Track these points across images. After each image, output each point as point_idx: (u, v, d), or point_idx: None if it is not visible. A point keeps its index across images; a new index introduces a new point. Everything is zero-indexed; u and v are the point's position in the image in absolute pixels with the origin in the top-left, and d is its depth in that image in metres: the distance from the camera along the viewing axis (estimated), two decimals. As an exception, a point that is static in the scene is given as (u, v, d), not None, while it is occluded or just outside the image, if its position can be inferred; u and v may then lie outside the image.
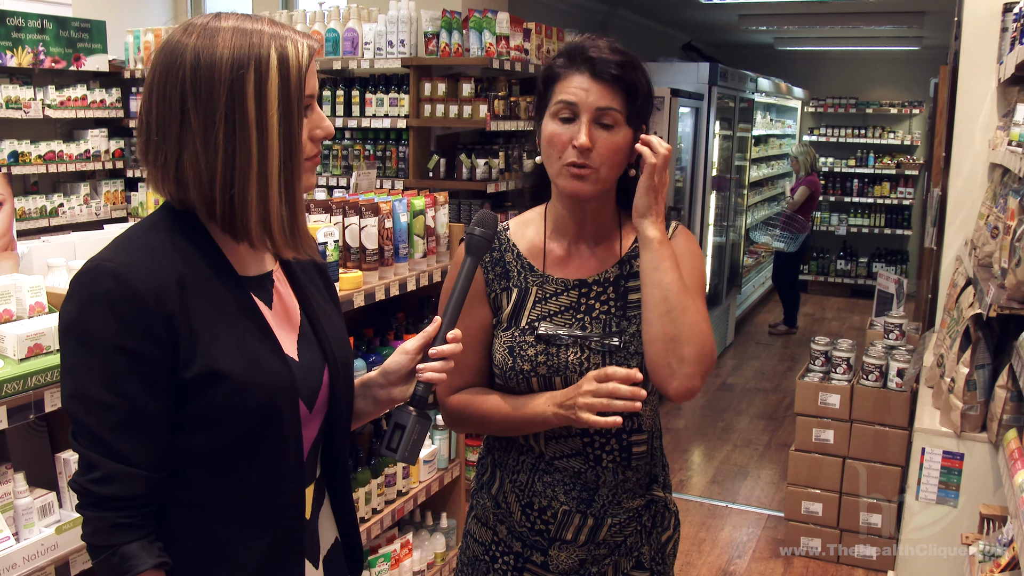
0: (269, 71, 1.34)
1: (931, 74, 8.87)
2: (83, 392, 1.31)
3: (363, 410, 1.69)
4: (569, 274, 1.84)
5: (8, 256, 2.29)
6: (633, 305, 1.81)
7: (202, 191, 1.36)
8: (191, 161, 1.35)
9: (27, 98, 5.38)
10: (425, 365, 1.59)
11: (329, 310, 1.62)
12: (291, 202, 1.40)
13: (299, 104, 1.38)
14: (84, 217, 5.82)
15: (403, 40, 4.96)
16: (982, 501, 2.99)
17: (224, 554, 1.43)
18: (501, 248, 1.87)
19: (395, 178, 5.07)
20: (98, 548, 1.34)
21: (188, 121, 1.34)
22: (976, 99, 4.04)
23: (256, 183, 1.36)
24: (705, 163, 7.23)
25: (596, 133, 1.70)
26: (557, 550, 1.85)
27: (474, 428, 1.91)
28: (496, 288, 1.85)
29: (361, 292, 2.84)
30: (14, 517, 1.87)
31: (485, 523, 1.93)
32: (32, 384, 1.83)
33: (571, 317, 1.81)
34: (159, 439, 1.35)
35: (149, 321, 1.30)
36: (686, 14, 9.15)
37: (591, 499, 1.83)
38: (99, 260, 1.33)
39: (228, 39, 1.35)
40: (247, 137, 1.34)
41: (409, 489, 3.25)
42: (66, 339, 1.34)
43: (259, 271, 1.50)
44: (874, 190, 11.38)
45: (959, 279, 3.75)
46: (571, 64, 1.73)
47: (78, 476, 1.34)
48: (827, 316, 10.27)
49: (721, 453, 5.88)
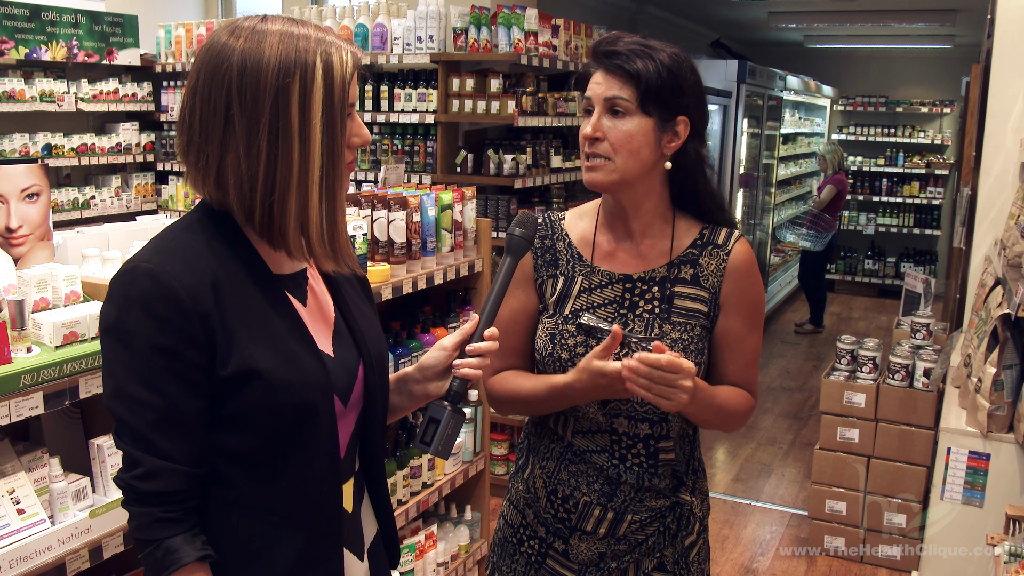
0: (315, 80, 1.35)
1: (963, 73, 8.79)
2: (124, 391, 1.34)
3: (398, 404, 1.70)
4: (615, 268, 1.85)
5: (44, 246, 2.33)
6: (679, 311, 1.81)
7: (242, 196, 1.38)
8: (233, 166, 1.36)
9: (60, 91, 5.46)
10: (461, 361, 1.60)
11: (364, 307, 1.64)
12: (331, 212, 1.41)
13: (342, 114, 1.39)
14: (115, 209, 5.90)
15: (432, 36, 4.98)
16: (1008, 502, 2.96)
17: (262, 550, 1.45)
18: (553, 236, 1.91)
19: (423, 173, 5.10)
20: (143, 542, 1.37)
21: (232, 126, 1.35)
22: (1008, 98, 4.00)
23: (296, 191, 1.37)
24: (733, 161, 7.21)
25: (607, 123, 1.73)
26: (578, 540, 1.86)
27: (509, 402, 1.91)
28: (544, 275, 1.88)
29: (389, 285, 2.86)
30: (49, 501, 1.91)
31: (516, 506, 1.96)
32: (68, 371, 1.87)
33: (614, 311, 1.82)
34: (198, 436, 1.38)
35: (185, 321, 1.33)
36: (715, 11, 9.13)
37: (613, 493, 1.84)
38: (136, 261, 1.36)
39: (275, 44, 1.35)
40: (290, 145, 1.35)
41: (434, 481, 3.28)
42: (106, 339, 1.37)
43: (293, 269, 1.52)
44: (903, 190, 11.29)
45: (988, 279, 3.73)
46: (593, 63, 1.79)
47: (122, 473, 1.37)
48: (854, 315, 10.21)
49: (745, 451, 5.87)
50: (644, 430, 1.82)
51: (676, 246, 1.85)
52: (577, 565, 1.88)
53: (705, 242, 1.85)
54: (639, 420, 1.82)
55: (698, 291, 1.82)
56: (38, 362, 1.83)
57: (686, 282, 1.83)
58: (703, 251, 1.84)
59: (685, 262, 1.84)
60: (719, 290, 1.83)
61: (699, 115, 1.80)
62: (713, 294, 1.83)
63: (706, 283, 1.83)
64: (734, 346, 1.84)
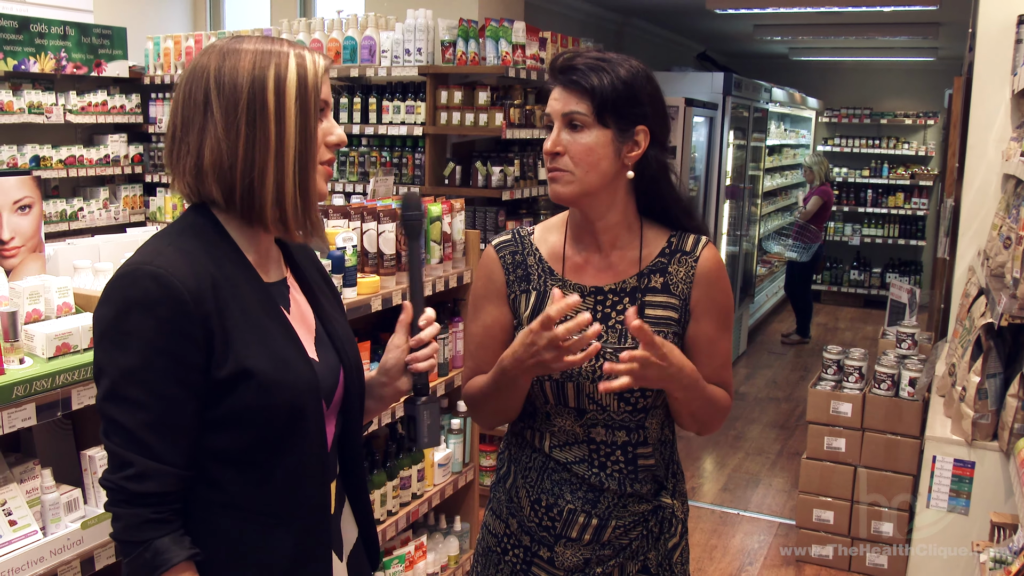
0: (288, 69, 1.44)
1: (946, 85, 8.86)
2: (119, 392, 1.35)
3: (372, 408, 1.75)
4: (587, 280, 1.87)
5: (36, 258, 2.34)
6: (651, 320, 1.82)
7: (222, 176, 1.43)
8: (212, 148, 1.42)
9: (49, 103, 5.46)
10: (412, 356, 1.67)
11: (337, 315, 1.68)
12: (304, 189, 1.47)
13: (315, 101, 1.46)
14: (103, 221, 5.89)
15: (420, 48, 5.01)
16: (993, 509, 2.99)
17: (254, 551, 1.46)
18: (524, 252, 1.91)
19: (411, 185, 5.12)
20: (130, 544, 1.37)
21: (211, 111, 1.42)
22: (990, 110, 4.05)
23: (273, 167, 1.43)
24: (719, 172, 7.25)
25: (567, 137, 1.77)
26: (563, 547, 1.88)
27: (474, 402, 1.92)
28: (516, 290, 1.89)
29: (379, 296, 2.88)
30: (41, 512, 1.92)
31: (499, 516, 1.97)
32: (60, 382, 1.88)
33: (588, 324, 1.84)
34: (191, 438, 1.39)
35: (187, 322, 1.35)
36: (701, 24, 9.18)
37: (596, 500, 1.85)
38: (137, 264, 1.37)
39: (252, 48, 1.44)
40: (267, 126, 1.42)
41: (424, 492, 3.29)
42: (103, 340, 1.38)
43: (277, 277, 1.56)
44: (888, 201, 11.37)
45: (971, 289, 3.77)
46: (552, 79, 1.82)
47: (109, 474, 1.37)
48: (840, 326, 10.26)
49: (733, 461, 5.89)
50: (622, 437, 1.84)
51: (645, 255, 1.87)
52: (563, 572, 1.89)
53: (673, 249, 1.88)
54: (616, 428, 1.83)
55: (669, 299, 1.85)
56: (30, 373, 1.83)
57: (656, 291, 1.85)
58: (671, 259, 1.87)
59: (655, 271, 1.86)
60: (689, 296, 1.85)
61: (659, 124, 1.81)
62: (683, 301, 1.85)
63: (676, 290, 1.85)
64: (706, 350, 1.87)
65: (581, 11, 7.69)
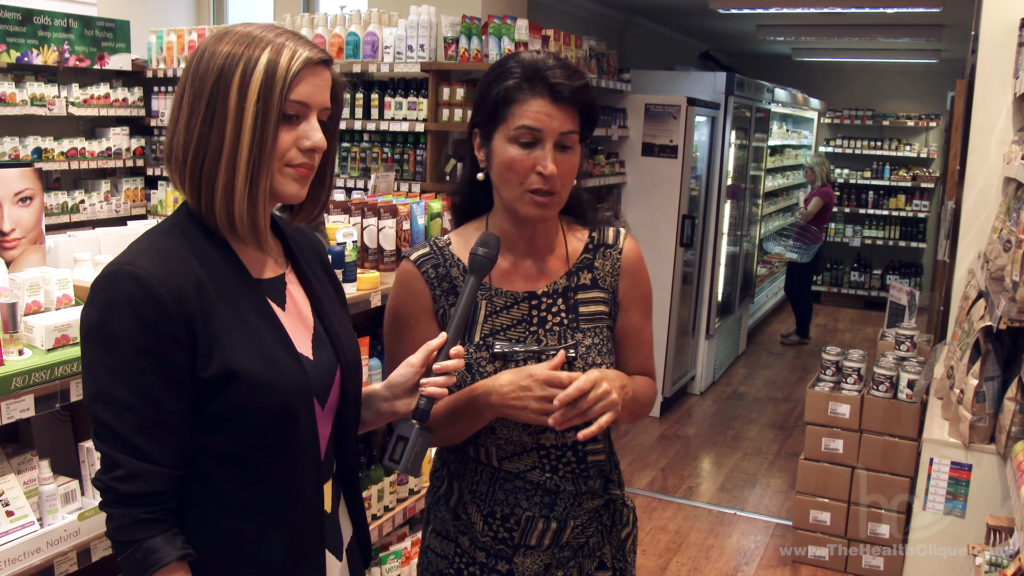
0: (255, 70, 1.39)
1: (948, 87, 8.87)
2: (106, 393, 1.35)
3: (366, 419, 1.71)
4: (518, 287, 1.84)
5: (36, 250, 2.34)
6: (585, 317, 1.83)
7: (178, 166, 1.42)
8: (177, 135, 1.41)
9: (51, 95, 5.46)
10: (428, 380, 1.60)
11: (339, 312, 1.66)
12: (254, 196, 1.41)
13: (279, 106, 1.40)
14: (104, 214, 5.89)
15: (423, 45, 5.00)
16: (989, 512, 3.00)
17: (247, 551, 1.46)
18: (446, 264, 1.84)
19: (412, 181, 5.12)
20: (123, 543, 1.38)
21: (182, 100, 1.41)
22: (992, 113, 4.05)
23: (224, 170, 1.39)
24: (720, 172, 7.24)
25: (558, 157, 1.71)
26: (522, 556, 1.85)
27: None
28: (444, 304, 1.82)
29: (378, 292, 2.88)
30: (39, 503, 1.92)
31: (446, 536, 1.90)
32: (59, 374, 1.88)
33: (524, 330, 1.81)
34: (181, 438, 1.39)
35: (169, 323, 1.34)
36: (704, 23, 9.18)
37: (553, 503, 1.84)
38: (119, 264, 1.37)
39: (234, 39, 1.41)
40: (223, 124, 1.39)
41: (421, 488, 3.29)
42: (88, 342, 1.37)
43: (273, 274, 1.55)
44: (889, 202, 11.36)
45: (971, 292, 3.77)
46: (531, 88, 1.70)
47: (101, 475, 1.38)
48: (840, 327, 10.27)
49: (731, 461, 5.90)
50: (572, 438, 1.82)
51: (571, 253, 1.87)
52: None
53: (597, 244, 1.89)
54: (566, 430, 1.78)
55: (599, 293, 1.86)
56: (29, 365, 1.84)
57: (587, 287, 1.86)
58: (596, 253, 1.88)
59: (582, 268, 1.87)
60: (617, 288, 1.88)
61: None
62: (612, 293, 1.87)
63: (604, 284, 1.87)
64: (634, 339, 1.91)
65: (584, 9, 7.69)
